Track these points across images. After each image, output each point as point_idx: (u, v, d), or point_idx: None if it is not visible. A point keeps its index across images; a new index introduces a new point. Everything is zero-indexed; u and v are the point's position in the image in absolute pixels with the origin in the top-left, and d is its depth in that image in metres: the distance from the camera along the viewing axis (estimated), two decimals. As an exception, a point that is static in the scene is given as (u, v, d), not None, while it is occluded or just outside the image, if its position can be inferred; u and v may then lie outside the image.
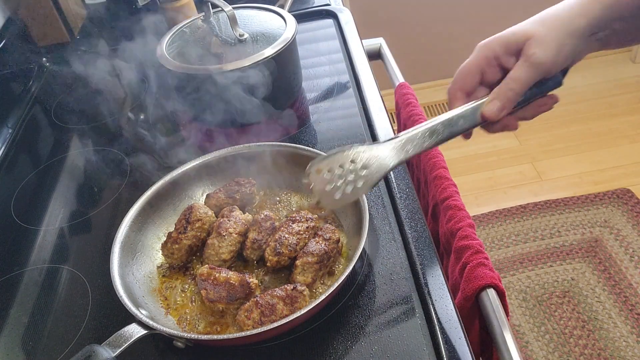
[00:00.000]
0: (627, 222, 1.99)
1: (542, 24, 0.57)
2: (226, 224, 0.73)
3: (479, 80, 0.60)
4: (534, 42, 0.56)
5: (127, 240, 0.73)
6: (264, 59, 0.92)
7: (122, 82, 1.26)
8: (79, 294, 0.76)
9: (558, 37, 0.56)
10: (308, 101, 1.08)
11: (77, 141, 1.09)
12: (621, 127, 2.40)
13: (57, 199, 0.94)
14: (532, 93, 0.59)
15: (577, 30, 0.56)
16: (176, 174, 0.82)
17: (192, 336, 0.62)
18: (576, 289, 1.81)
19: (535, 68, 0.57)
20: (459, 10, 2.47)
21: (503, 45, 0.58)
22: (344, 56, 1.17)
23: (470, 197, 2.19)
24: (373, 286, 0.69)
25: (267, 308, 0.62)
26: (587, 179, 2.20)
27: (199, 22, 1.05)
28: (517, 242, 1.99)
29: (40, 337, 0.71)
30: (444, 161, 0.95)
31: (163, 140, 1.01)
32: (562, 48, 0.56)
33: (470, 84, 0.60)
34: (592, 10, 0.56)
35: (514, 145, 2.40)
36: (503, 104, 0.58)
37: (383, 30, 1.60)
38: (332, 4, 1.35)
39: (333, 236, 0.70)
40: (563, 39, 0.56)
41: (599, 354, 1.63)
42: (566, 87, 0.59)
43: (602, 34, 0.58)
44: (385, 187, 0.83)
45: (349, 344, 0.63)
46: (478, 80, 0.60)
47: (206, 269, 0.68)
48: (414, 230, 0.75)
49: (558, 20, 0.57)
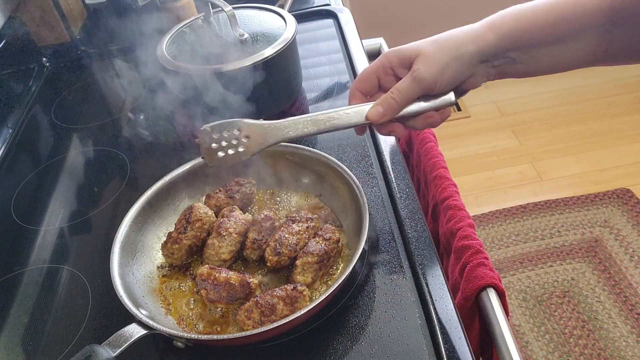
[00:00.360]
0: (627, 222, 1.99)
1: (433, 44, 0.61)
2: (226, 224, 0.73)
3: (376, 84, 0.65)
4: (421, 59, 0.60)
5: (127, 240, 0.73)
6: (264, 59, 0.92)
7: (122, 82, 1.26)
8: (79, 294, 0.76)
9: (442, 59, 0.60)
10: (308, 101, 1.08)
11: (77, 141, 1.09)
12: (621, 127, 2.40)
13: (57, 199, 0.94)
14: (423, 107, 0.64)
15: (464, 55, 0.60)
16: (176, 174, 0.82)
17: (192, 336, 0.62)
18: (576, 289, 1.81)
19: (417, 83, 0.61)
20: (459, 10, 2.47)
21: (398, 58, 0.63)
22: (344, 56, 1.17)
23: (470, 197, 2.19)
24: (373, 286, 0.69)
25: (267, 308, 0.62)
26: (587, 179, 2.20)
27: (199, 22, 1.05)
28: (517, 242, 1.99)
29: (40, 337, 0.71)
30: (444, 161, 0.95)
31: (163, 140, 1.01)
32: (446, 69, 0.60)
33: (369, 87, 0.65)
34: (484, 39, 0.60)
35: (514, 145, 2.40)
36: (385, 110, 0.62)
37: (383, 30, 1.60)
38: (332, 4, 1.35)
39: (333, 236, 0.70)
40: (448, 61, 0.60)
41: (599, 354, 1.63)
42: (566, 87, 0.60)
43: (498, 62, 0.61)
44: (385, 187, 0.83)
45: (349, 344, 0.63)
46: (376, 84, 0.65)
47: (206, 269, 0.68)
48: (414, 230, 0.75)
49: (448, 42, 0.61)
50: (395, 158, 0.88)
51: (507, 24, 0.59)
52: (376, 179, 0.84)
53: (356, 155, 0.90)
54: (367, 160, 0.88)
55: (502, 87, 2.66)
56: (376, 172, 0.86)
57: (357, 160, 0.89)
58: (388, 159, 0.88)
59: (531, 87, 2.63)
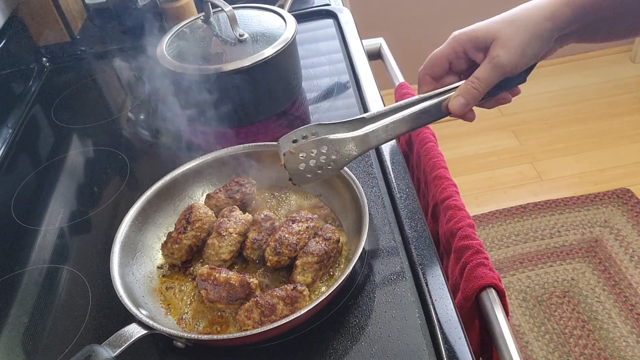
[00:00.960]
0: (627, 222, 1.99)
1: (510, 25, 0.58)
2: (226, 224, 0.73)
3: (447, 68, 0.64)
4: (499, 44, 0.58)
5: (127, 240, 0.73)
6: (264, 59, 0.92)
7: (122, 82, 1.26)
8: (79, 294, 0.76)
9: (523, 40, 0.58)
10: (308, 101, 1.08)
11: (77, 141, 1.09)
12: (621, 127, 2.40)
13: (57, 199, 0.94)
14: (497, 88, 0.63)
15: (543, 33, 0.58)
16: (176, 174, 0.82)
17: (192, 336, 0.62)
18: (576, 289, 1.81)
19: (498, 69, 0.59)
20: (459, 10, 2.47)
21: (472, 41, 0.60)
22: (344, 56, 1.17)
23: (470, 197, 2.19)
24: (373, 286, 0.69)
25: (267, 308, 0.62)
26: (587, 179, 2.20)
27: (199, 22, 1.05)
28: (517, 242, 1.99)
29: (40, 337, 0.71)
30: (444, 161, 0.95)
31: (163, 140, 1.01)
32: (526, 51, 0.58)
33: (439, 72, 0.64)
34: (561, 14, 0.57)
35: (514, 145, 2.40)
36: (467, 101, 0.61)
37: (383, 30, 1.60)
38: (332, 4, 1.35)
39: (333, 236, 0.70)
40: (528, 42, 0.58)
41: (599, 354, 1.63)
42: (566, 87, 0.60)
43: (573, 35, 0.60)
44: (385, 187, 0.83)
45: (349, 344, 0.63)
46: (446, 68, 0.63)
47: (206, 269, 0.68)
48: (414, 230, 0.75)
49: (526, 21, 0.58)
50: (395, 158, 0.88)
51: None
52: (376, 179, 0.84)
53: (356, 155, 0.90)
54: (367, 160, 0.88)
55: (502, 87, 2.66)
56: (376, 172, 0.86)
57: (357, 160, 0.88)
58: (388, 159, 0.88)
59: (531, 87, 2.61)
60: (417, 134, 1.04)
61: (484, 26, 0.60)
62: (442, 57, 0.63)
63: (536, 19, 0.58)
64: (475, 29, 0.60)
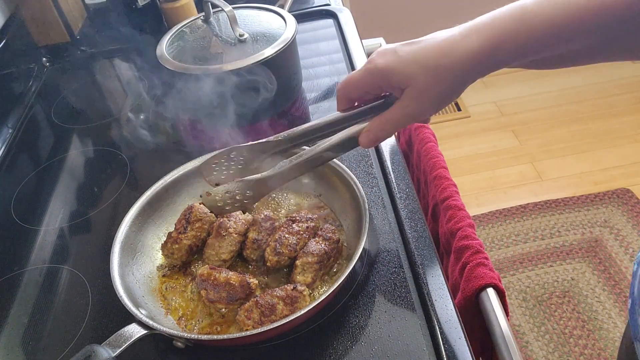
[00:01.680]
0: (627, 222, 1.99)
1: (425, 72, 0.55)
2: (226, 224, 0.73)
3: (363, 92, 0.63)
4: (412, 94, 0.56)
5: (127, 240, 0.73)
6: (264, 59, 0.92)
7: (122, 82, 1.26)
8: (79, 294, 0.75)
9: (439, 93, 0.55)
10: (308, 101, 1.08)
11: (77, 141, 1.09)
12: (621, 127, 2.40)
13: (57, 199, 0.94)
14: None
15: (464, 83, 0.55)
16: (176, 174, 0.82)
17: (192, 336, 0.62)
18: (576, 289, 1.81)
19: (409, 118, 0.59)
20: (459, 11, 2.47)
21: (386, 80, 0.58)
22: (344, 56, 1.17)
23: (470, 197, 2.19)
24: (373, 286, 0.69)
25: (267, 308, 0.62)
26: (587, 179, 2.20)
27: (199, 22, 1.05)
28: (517, 242, 1.99)
29: (40, 337, 0.71)
30: (444, 161, 0.95)
31: (163, 140, 1.01)
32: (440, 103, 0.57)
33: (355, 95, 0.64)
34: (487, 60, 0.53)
35: (514, 145, 2.40)
36: (377, 138, 0.62)
37: (383, 30, 1.60)
38: (332, 4, 1.35)
39: (333, 236, 0.70)
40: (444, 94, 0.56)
41: (599, 354, 1.63)
42: (566, 87, 0.60)
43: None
44: (385, 187, 0.83)
45: (349, 344, 0.63)
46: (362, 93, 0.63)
47: (206, 269, 0.68)
48: (414, 230, 0.75)
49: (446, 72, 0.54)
50: (395, 158, 0.88)
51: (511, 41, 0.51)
52: (376, 179, 0.84)
53: (356, 155, 0.90)
54: (367, 160, 0.88)
55: (502, 87, 2.66)
56: (376, 172, 0.86)
57: (357, 160, 0.89)
58: (388, 159, 0.88)
59: (531, 87, 2.63)
60: (417, 134, 1.04)
61: (401, 68, 0.56)
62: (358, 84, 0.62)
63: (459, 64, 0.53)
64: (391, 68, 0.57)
